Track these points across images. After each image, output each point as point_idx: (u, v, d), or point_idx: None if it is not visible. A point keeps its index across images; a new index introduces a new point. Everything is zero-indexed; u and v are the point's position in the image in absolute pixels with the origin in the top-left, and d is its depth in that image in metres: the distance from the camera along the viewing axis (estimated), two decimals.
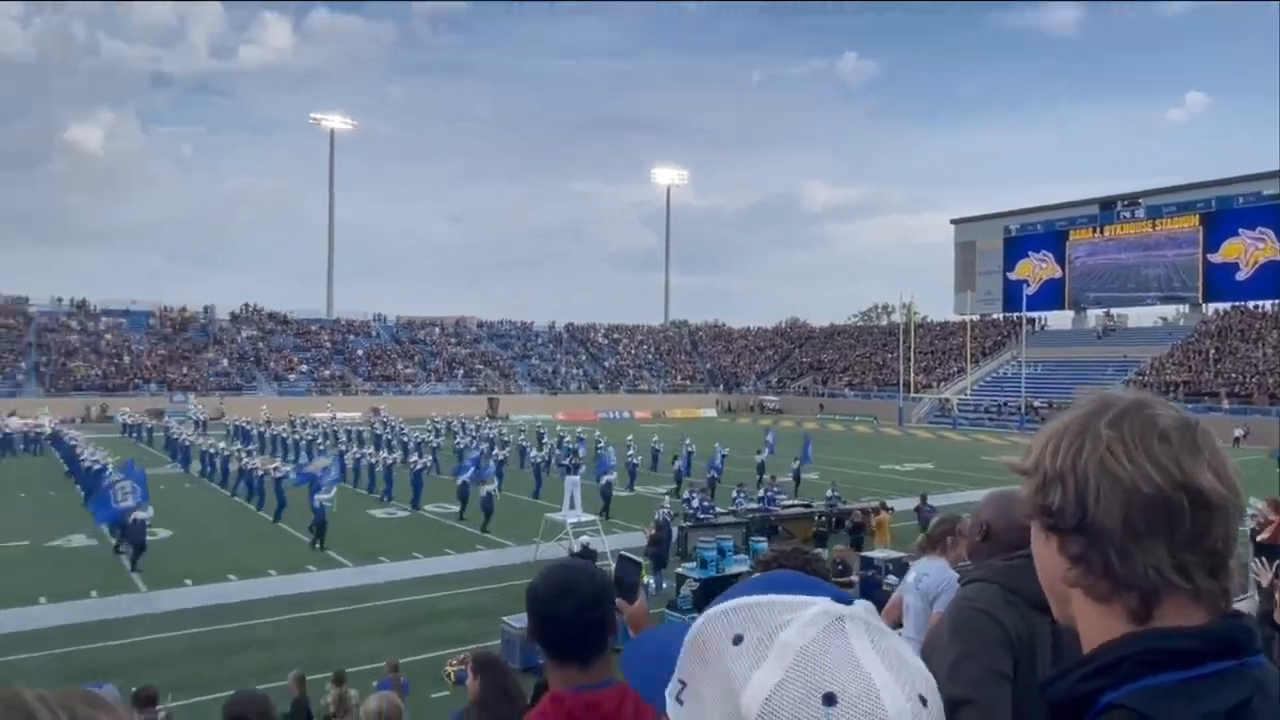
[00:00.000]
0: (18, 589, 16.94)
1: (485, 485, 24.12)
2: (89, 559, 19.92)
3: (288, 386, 64.88)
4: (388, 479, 28.41)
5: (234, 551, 20.45)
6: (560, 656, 1.98)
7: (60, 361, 60.12)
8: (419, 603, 16.64)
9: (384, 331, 78.65)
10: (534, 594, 2.02)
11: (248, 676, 12.51)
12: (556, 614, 1.97)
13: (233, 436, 40.19)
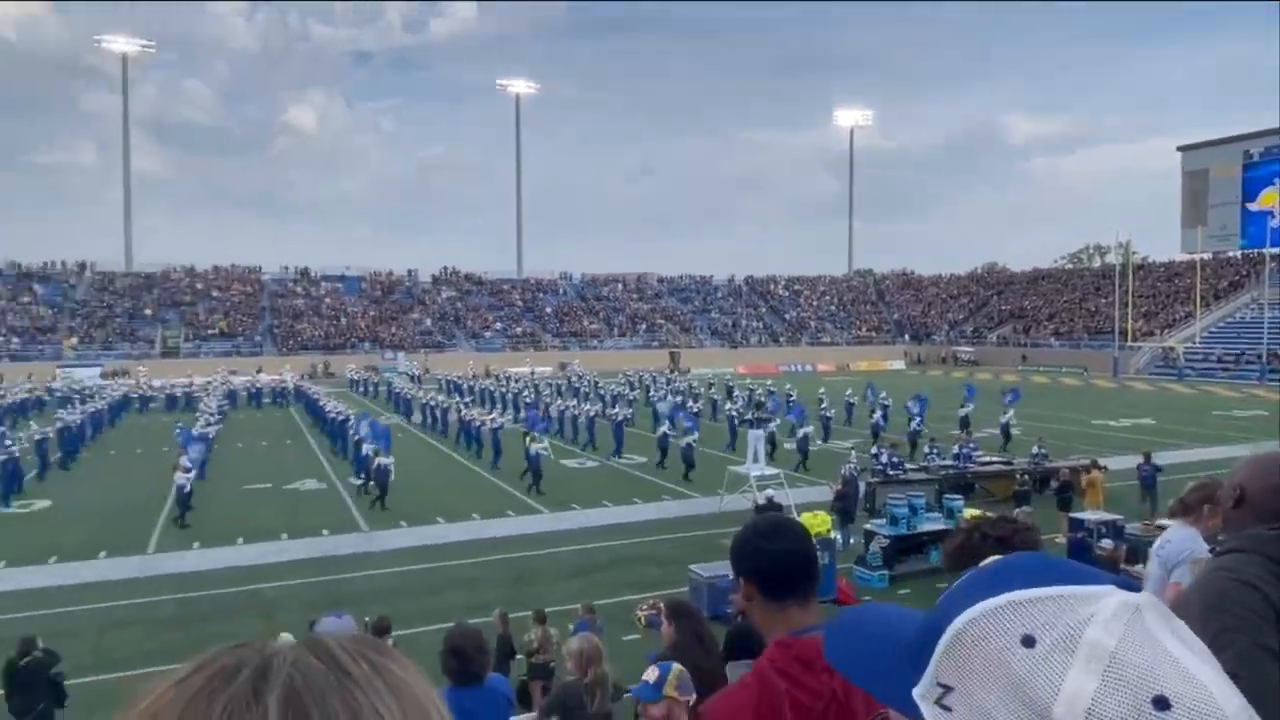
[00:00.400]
0: (264, 525, 19.20)
1: (686, 437, 24.70)
2: (320, 501, 22.18)
3: (484, 343, 68.79)
4: (590, 430, 29.64)
5: (443, 496, 22.06)
6: (779, 595, 1.96)
7: (289, 324, 66.87)
8: (609, 549, 17.29)
9: (570, 289, 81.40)
10: (745, 536, 2.02)
11: (455, 611, 13.54)
12: (773, 549, 1.97)
13: (447, 390, 43.19)
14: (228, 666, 0.54)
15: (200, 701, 0.52)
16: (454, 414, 32.58)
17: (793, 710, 1.80)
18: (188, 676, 0.54)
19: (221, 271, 72.45)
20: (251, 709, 0.51)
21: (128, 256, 73.73)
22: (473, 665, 4.30)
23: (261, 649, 0.56)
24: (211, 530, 18.85)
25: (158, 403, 44.56)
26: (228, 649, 0.57)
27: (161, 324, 63.64)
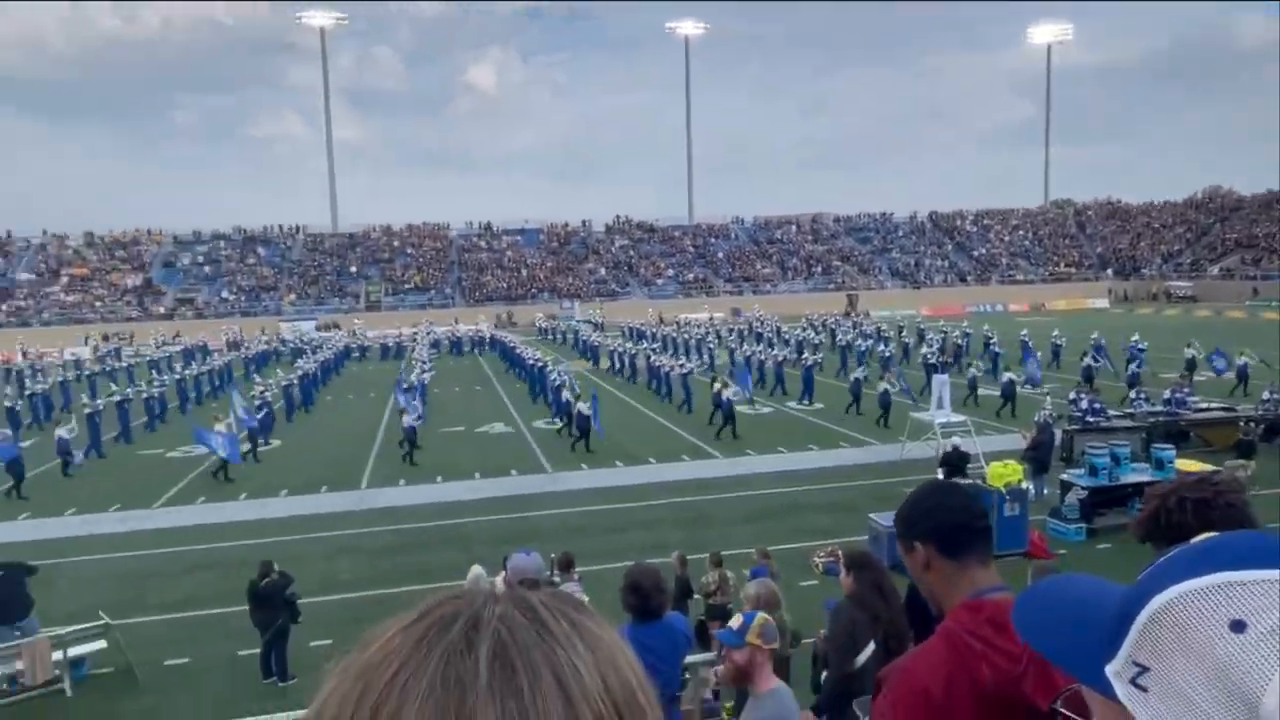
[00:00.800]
0: (460, 465, 20.63)
1: (887, 381, 24.07)
2: (508, 443, 23.51)
3: (656, 290, 69.65)
4: (779, 376, 29.59)
5: (621, 441, 22.77)
6: (960, 554, 1.89)
7: (475, 276, 70.56)
8: (784, 495, 17.27)
9: (742, 233, 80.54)
10: (918, 497, 1.96)
11: (634, 550, 14.05)
12: (950, 505, 1.91)
13: (631, 337, 44.20)
14: (445, 616, 0.60)
15: (421, 647, 0.58)
16: (641, 360, 33.38)
17: (990, 672, 1.73)
18: (411, 623, 0.61)
19: (414, 229, 77.24)
20: (464, 658, 0.57)
21: (334, 218, 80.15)
22: (650, 602, 4.46)
23: (473, 600, 0.62)
24: (414, 469, 20.48)
25: (372, 352, 48.59)
26: (446, 599, 0.63)
27: (364, 280, 68.95)
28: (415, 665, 0.57)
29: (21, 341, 49.59)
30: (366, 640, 0.62)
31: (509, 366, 38.94)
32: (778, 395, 28.68)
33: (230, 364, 38.23)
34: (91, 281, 65.39)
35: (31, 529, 16.71)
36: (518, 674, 0.56)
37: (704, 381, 27.06)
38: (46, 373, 34.77)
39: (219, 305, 63.80)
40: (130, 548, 15.48)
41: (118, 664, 10.54)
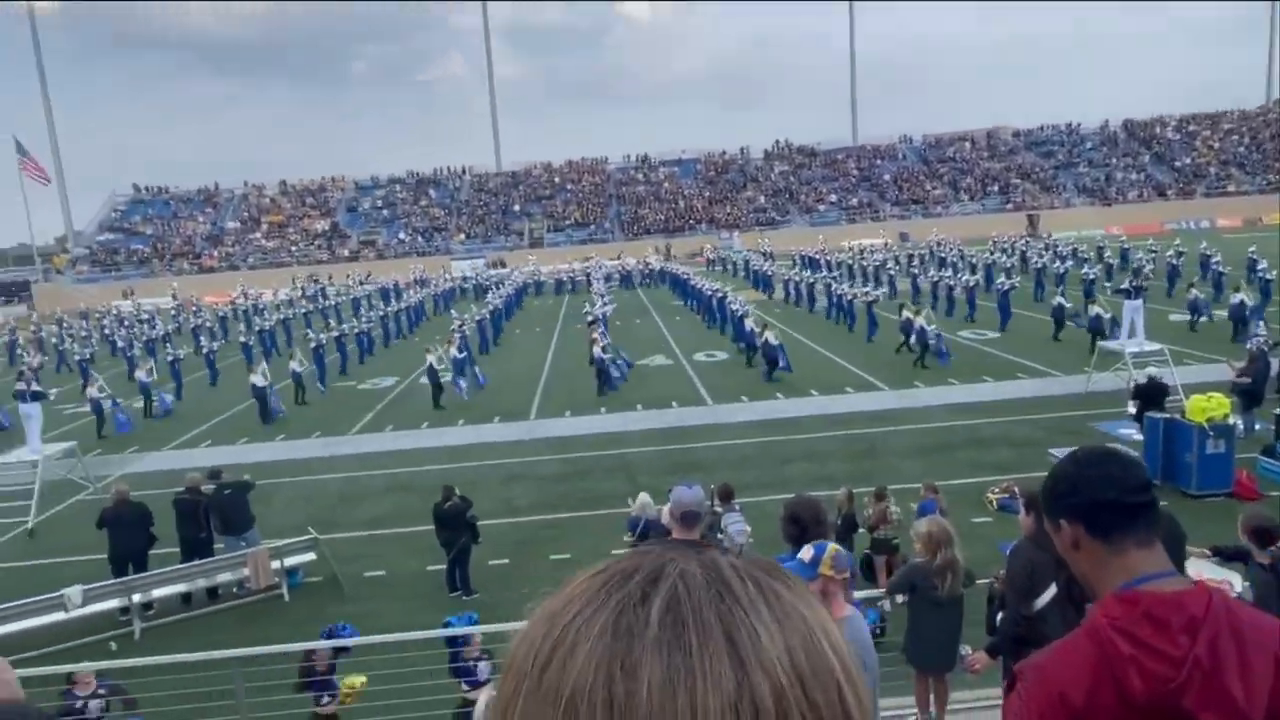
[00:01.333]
0: (622, 397, 21.15)
1: (1094, 305, 22.52)
2: (668, 376, 23.83)
3: (818, 217, 67.60)
4: (970, 302, 28.27)
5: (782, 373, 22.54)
6: (1114, 534, 1.64)
7: (633, 210, 71.05)
8: (957, 428, 16.60)
9: (910, 153, 76.36)
10: (1064, 468, 1.73)
11: (797, 482, 14.00)
12: (1101, 476, 1.65)
13: (803, 265, 43.28)
14: (626, 569, 0.61)
15: (599, 595, 0.59)
16: (821, 288, 32.72)
17: (1142, 680, 1.47)
18: (598, 572, 0.62)
19: (573, 165, 78.46)
20: (637, 610, 0.57)
21: (497, 158, 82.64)
22: (809, 534, 4.44)
23: (659, 556, 0.62)
24: (580, 400, 21.20)
25: (548, 287, 50.22)
26: (634, 553, 0.64)
27: (527, 217, 71.06)
28: (591, 612, 0.58)
29: (242, 283, 54.85)
30: (559, 589, 0.64)
31: (683, 299, 39.14)
32: (965, 322, 27.22)
33: (422, 301, 40.65)
34: (286, 227, 71.06)
35: (246, 452, 18.67)
36: (687, 629, 0.55)
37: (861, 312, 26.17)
38: (268, 312, 38.43)
39: (397, 246, 67.75)
40: (331, 471, 17.04)
41: (325, 574, 11.73)
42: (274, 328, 33.11)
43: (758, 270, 42.73)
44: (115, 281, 62.90)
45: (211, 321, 35.74)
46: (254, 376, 21.50)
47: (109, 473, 17.35)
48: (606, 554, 6.39)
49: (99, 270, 66.04)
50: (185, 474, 12.78)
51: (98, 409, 21.00)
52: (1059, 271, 32.14)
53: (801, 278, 35.83)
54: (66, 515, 15.28)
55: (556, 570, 11.52)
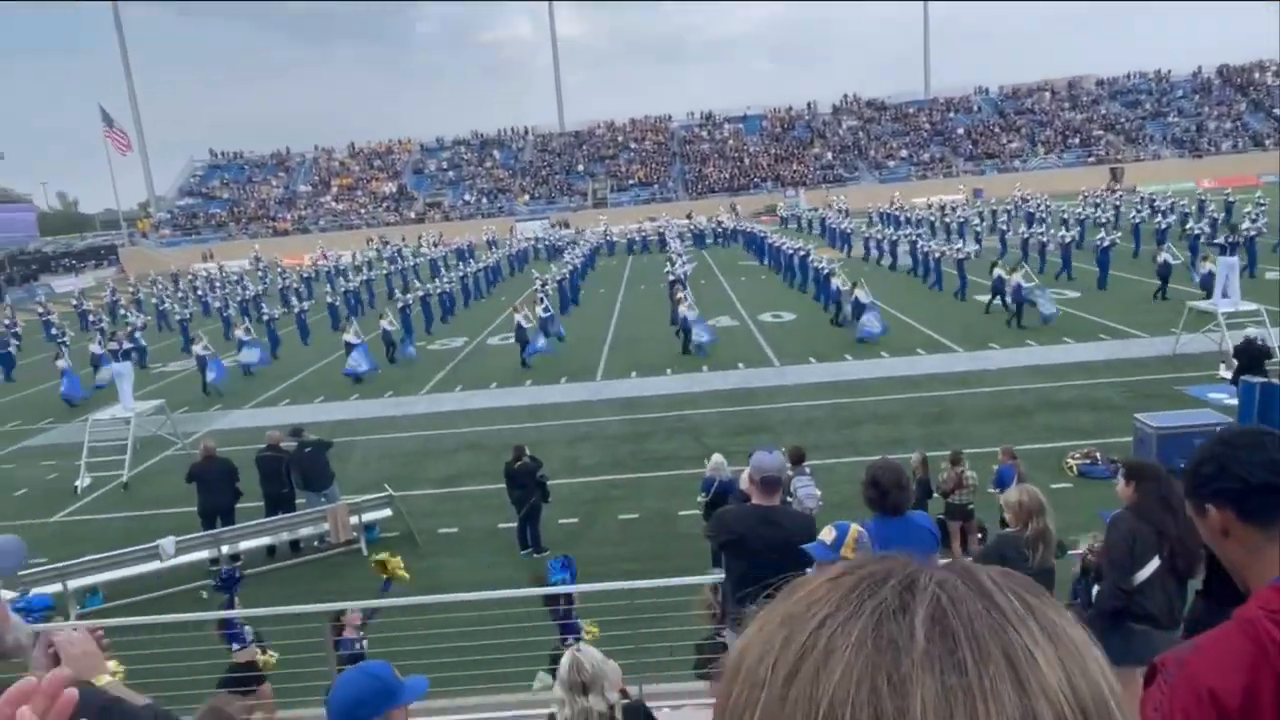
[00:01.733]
0: (688, 358, 21.09)
1: (1206, 263, 21.43)
2: (734, 337, 23.64)
3: (888, 173, 65.86)
4: (1065, 258, 27.26)
5: (849, 334, 22.15)
6: (1267, 519, 1.52)
7: (696, 168, 70.24)
8: (1035, 391, 16.13)
9: (986, 105, 73.56)
10: (1213, 448, 1.61)
11: (868, 445, 13.81)
12: (1256, 459, 1.53)
13: (882, 222, 42.11)
14: (876, 573, 0.56)
15: (850, 600, 0.54)
16: (904, 245, 32.02)
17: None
18: (839, 576, 0.57)
19: (636, 123, 77.77)
20: (898, 618, 0.52)
21: (560, 117, 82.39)
22: (889, 498, 4.38)
23: (906, 563, 0.57)
24: (646, 361, 21.21)
25: (619, 247, 50.08)
26: (875, 559, 0.59)
27: (590, 177, 70.89)
28: (845, 617, 0.53)
29: (321, 244, 56.22)
30: (789, 591, 0.59)
31: (759, 257, 38.67)
32: (1055, 280, 26.31)
33: (498, 262, 41.10)
34: (355, 190, 72.33)
35: (322, 410, 19.22)
36: (959, 646, 0.50)
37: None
38: (350, 273, 39.33)
39: (462, 208, 68.41)
40: (403, 430, 17.45)
41: (401, 529, 12.07)
42: (358, 288, 33.92)
43: (835, 227, 41.55)
44: (195, 244, 65.10)
45: (297, 283, 36.84)
46: (347, 335, 22.08)
47: (196, 429, 18.09)
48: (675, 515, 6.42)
49: (180, 234, 68.38)
50: (266, 431, 13.22)
51: (203, 365, 21.87)
52: (1159, 227, 30.68)
53: (884, 235, 34.92)
54: (157, 469, 16.01)
55: (625, 529, 11.66)
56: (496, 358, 23.27)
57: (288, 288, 36.19)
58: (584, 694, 3.34)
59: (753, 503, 4.61)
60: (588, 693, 3.34)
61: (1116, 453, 12.15)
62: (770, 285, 32.33)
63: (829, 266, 25.65)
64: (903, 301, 25.74)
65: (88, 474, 15.42)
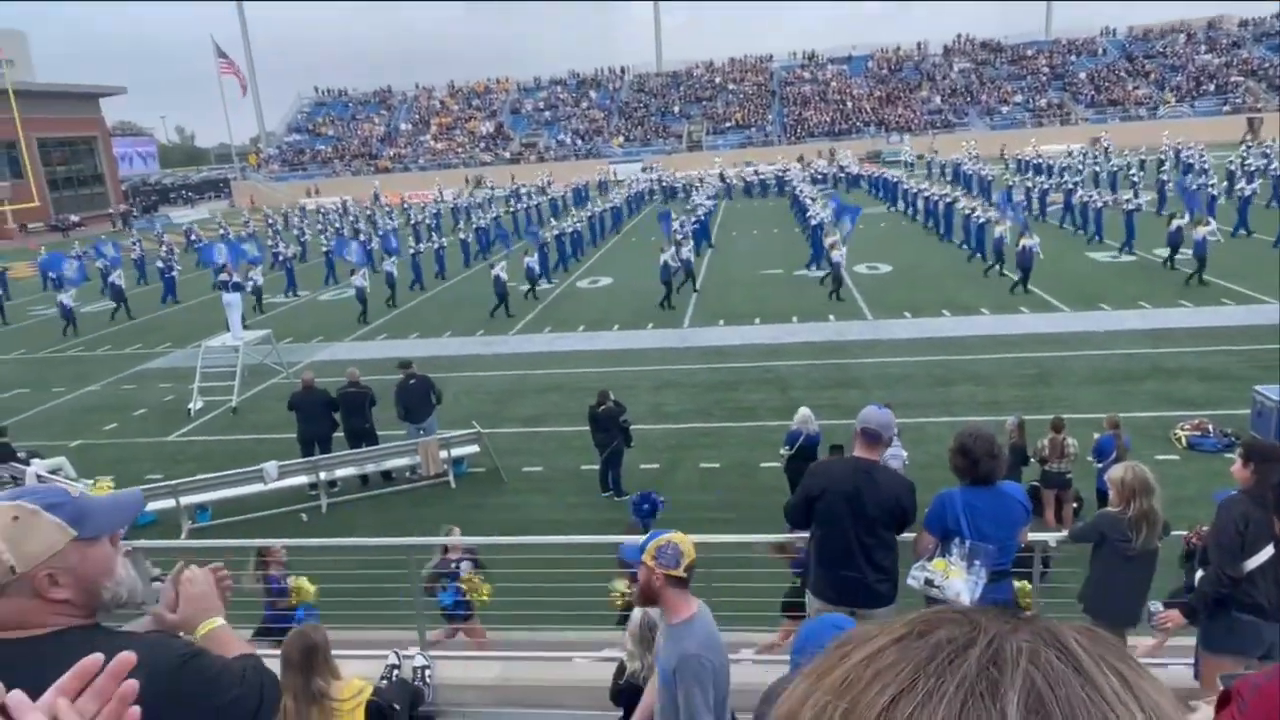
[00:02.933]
0: (777, 308, 20.78)
1: None
2: (826, 286, 23.08)
3: (1000, 120, 62.61)
4: (1241, 214, 25.45)
5: (948, 289, 21.42)
6: None
7: (796, 111, 68.23)
8: (1143, 356, 15.29)
9: (1112, 48, 68.75)
10: None
11: (962, 405, 13.42)
12: None
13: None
14: (954, 641, 0.48)
15: (925, 675, 0.47)
16: (1058, 194, 30.51)
17: None
18: (906, 637, 0.50)
19: (736, 63, 75.87)
20: (987, 702, 0.45)
21: (658, 57, 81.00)
22: (980, 467, 4.21)
23: (985, 626, 0.49)
24: (734, 309, 21.01)
25: (736, 190, 49.00)
26: (948, 616, 0.51)
27: (686, 119, 69.78)
28: (922, 699, 0.46)
29: (439, 183, 57.41)
30: (845, 645, 0.51)
31: (891, 203, 37.56)
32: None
33: (619, 204, 41.23)
34: (453, 129, 73.20)
35: (415, 346, 19.78)
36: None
37: None
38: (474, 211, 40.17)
39: (557, 149, 68.49)
40: (492, 369, 17.84)
41: (487, 465, 12.41)
42: (487, 225, 34.66)
43: (970, 173, 39.18)
44: (301, 180, 67.33)
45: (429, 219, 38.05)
46: (497, 269, 22.33)
47: (298, 360, 18.92)
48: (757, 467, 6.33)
49: (287, 169, 70.78)
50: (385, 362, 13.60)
51: (361, 295, 22.94)
52: None
53: (1034, 183, 33.14)
54: (263, 396, 16.85)
55: (706, 478, 11.69)
56: (586, 301, 23.43)
57: (420, 224, 37.27)
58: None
59: (853, 455, 4.50)
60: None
61: (1231, 426, 11.47)
62: (866, 235, 31.35)
63: (984, 215, 24.58)
64: None
65: (200, 398, 16.35)
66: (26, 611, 1.63)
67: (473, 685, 4.89)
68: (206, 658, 1.77)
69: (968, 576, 3.94)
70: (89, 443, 14.95)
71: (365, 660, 5.02)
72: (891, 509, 4.30)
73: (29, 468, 11.89)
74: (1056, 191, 30.65)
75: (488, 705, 4.79)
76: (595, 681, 4.48)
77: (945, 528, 4.16)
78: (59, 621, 1.66)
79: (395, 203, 51.50)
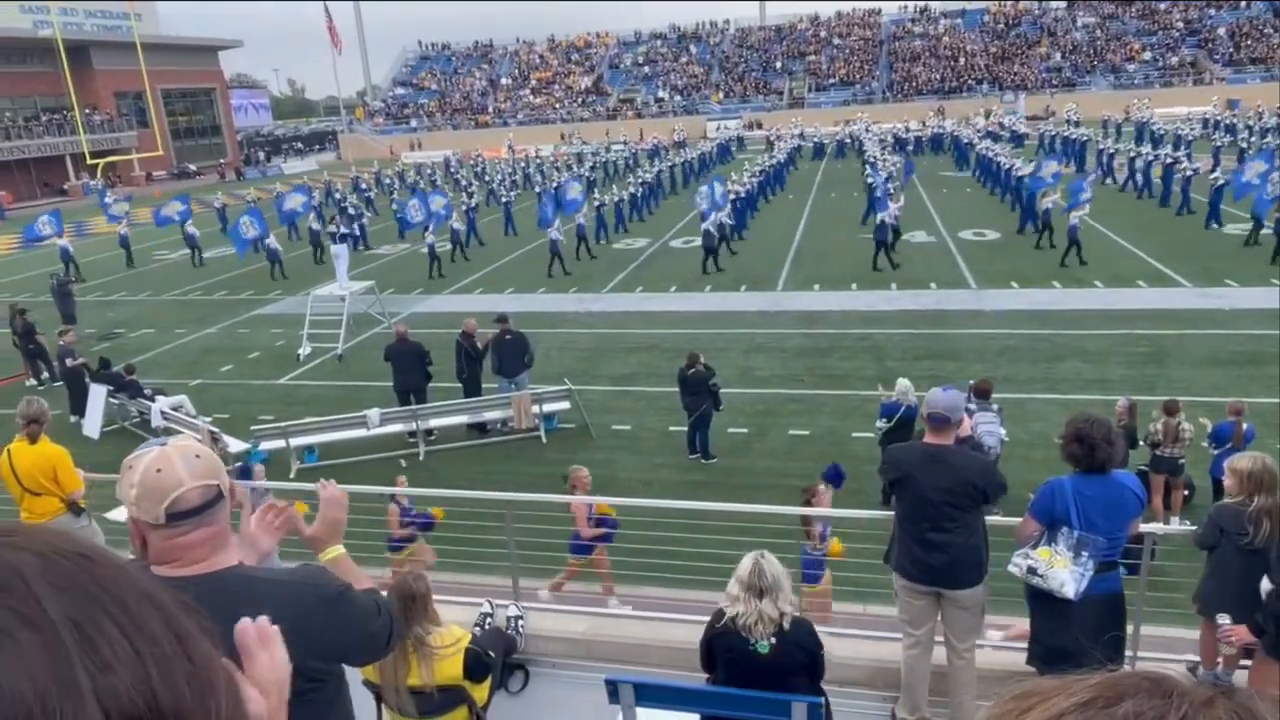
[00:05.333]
0: (874, 275, 20.23)
1: None
2: (930, 254, 22.38)
3: (1125, 79, 58.83)
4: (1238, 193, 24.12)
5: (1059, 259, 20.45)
6: None
7: (905, 68, 65.61)
8: (1270, 338, 14.29)
9: None
10: None
11: (1068, 383, 12.88)
12: None
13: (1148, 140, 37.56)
14: (1143, 715, 0.46)
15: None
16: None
17: None
18: (1090, 704, 0.47)
19: (843, 17, 73.32)
20: None
21: (761, 11, 79.03)
22: (1097, 455, 4.05)
23: (1171, 696, 0.47)
24: (830, 274, 20.59)
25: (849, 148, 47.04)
26: (1134, 682, 0.49)
27: (788, 75, 68.02)
28: None
29: (511, 138, 58.23)
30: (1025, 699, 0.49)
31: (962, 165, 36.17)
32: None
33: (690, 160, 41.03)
34: (552, 84, 73.35)
35: (511, 301, 20.13)
36: None
37: None
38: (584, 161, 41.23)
39: (654, 105, 67.89)
40: (584, 326, 18.03)
41: (577, 422, 12.63)
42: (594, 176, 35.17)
43: (964, 142, 37.28)
44: (405, 133, 68.84)
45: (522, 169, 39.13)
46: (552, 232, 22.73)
47: (400, 310, 19.54)
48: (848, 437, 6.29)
49: (391, 122, 72.43)
50: (463, 318, 13.92)
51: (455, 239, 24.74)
52: None
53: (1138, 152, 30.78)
54: (367, 344, 17.51)
55: (794, 445, 11.61)
56: (678, 260, 23.34)
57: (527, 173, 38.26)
58: (760, 597, 3.48)
59: (924, 440, 4.42)
60: (763, 597, 3.48)
61: None
62: (975, 199, 30.17)
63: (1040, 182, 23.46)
64: (1120, 227, 23.35)
65: (309, 344, 17.10)
66: (217, 539, 1.79)
67: (562, 638, 5.04)
68: (351, 593, 1.95)
69: (1073, 567, 3.81)
70: (207, 382, 15.87)
71: (460, 607, 5.23)
72: (966, 492, 4.22)
73: (153, 404, 12.73)
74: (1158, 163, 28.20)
75: (576, 658, 4.93)
76: (683, 642, 4.56)
77: (1053, 516, 4.03)
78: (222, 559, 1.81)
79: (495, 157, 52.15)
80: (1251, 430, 8.58)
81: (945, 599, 4.37)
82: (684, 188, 37.08)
